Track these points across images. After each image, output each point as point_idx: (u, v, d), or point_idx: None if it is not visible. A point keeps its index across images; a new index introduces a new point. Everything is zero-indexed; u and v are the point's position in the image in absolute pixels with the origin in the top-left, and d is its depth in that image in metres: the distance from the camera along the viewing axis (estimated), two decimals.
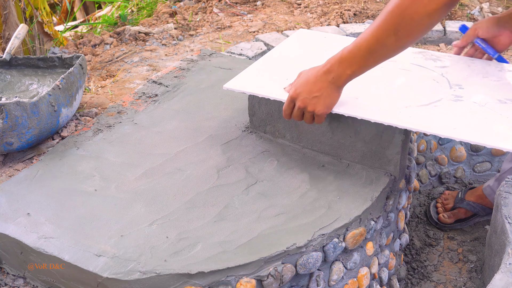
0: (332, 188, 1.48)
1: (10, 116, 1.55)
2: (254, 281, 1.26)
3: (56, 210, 1.41)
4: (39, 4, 2.91)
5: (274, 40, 2.62)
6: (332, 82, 1.37)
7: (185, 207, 1.42)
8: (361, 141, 1.54)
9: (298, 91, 1.41)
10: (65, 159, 1.62)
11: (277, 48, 1.82)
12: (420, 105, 1.47)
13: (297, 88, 1.42)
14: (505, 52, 2.68)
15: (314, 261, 1.32)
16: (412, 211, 2.07)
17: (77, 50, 2.63)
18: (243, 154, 1.62)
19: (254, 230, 1.34)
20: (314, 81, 1.39)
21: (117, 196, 1.46)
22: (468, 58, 1.72)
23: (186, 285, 1.23)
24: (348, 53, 1.33)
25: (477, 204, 1.95)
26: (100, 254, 1.27)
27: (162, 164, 1.58)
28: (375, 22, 1.28)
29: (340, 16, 2.97)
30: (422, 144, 2.08)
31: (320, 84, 1.38)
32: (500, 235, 1.47)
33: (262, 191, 1.48)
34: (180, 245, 1.29)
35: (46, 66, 1.94)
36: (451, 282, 1.82)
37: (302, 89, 1.41)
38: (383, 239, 1.60)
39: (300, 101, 1.41)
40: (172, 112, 1.84)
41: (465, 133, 1.35)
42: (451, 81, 1.59)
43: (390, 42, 1.27)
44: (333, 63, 1.35)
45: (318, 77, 1.38)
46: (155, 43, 2.66)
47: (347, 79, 1.36)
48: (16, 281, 1.39)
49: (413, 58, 1.72)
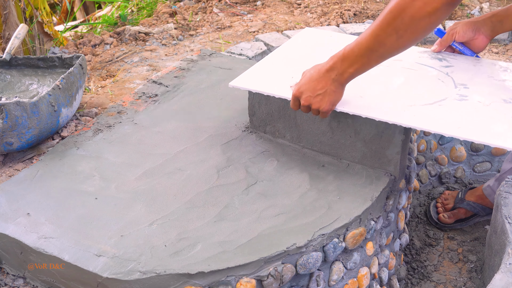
0: (332, 188, 1.48)
1: (10, 116, 1.55)
2: (254, 281, 1.26)
3: (56, 210, 1.41)
4: (39, 4, 2.91)
5: (274, 40, 2.62)
6: (335, 79, 1.37)
7: (185, 207, 1.42)
8: (361, 141, 1.54)
9: (301, 89, 1.41)
10: (65, 159, 1.62)
11: (283, 46, 1.83)
12: (424, 104, 1.47)
13: (300, 87, 1.42)
14: (505, 52, 2.68)
15: (314, 261, 1.32)
16: (412, 211, 2.07)
17: (77, 50, 2.63)
18: (243, 154, 1.62)
19: (254, 230, 1.34)
20: (318, 79, 1.39)
21: (117, 196, 1.46)
22: (473, 58, 1.72)
23: (186, 285, 1.23)
24: (350, 51, 1.33)
25: (477, 204, 1.95)
26: (100, 254, 1.27)
27: (162, 164, 1.58)
28: (376, 21, 1.28)
29: (340, 16, 2.97)
30: (422, 144, 2.08)
31: (324, 82, 1.38)
32: (500, 235, 1.47)
33: (262, 191, 1.48)
34: (180, 245, 1.29)
35: (46, 66, 1.94)
36: (451, 282, 1.82)
37: (305, 87, 1.41)
38: (383, 239, 1.60)
39: (304, 100, 1.42)
40: (172, 112, 1.84)
41: (469, 132, 1.36)
42: (456, 81, 1.59)
43: (390, 41, 1.27)
44: (336, 61, 1.35)
45: (321, 75, 1.38)
46: (155, 43, 2.66)
47: (350, 77, 1.36)
48: (16, 281, 1.39)
49: (418, 57, 1.72)
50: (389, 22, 1.25)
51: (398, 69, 1.66)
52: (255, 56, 2.43)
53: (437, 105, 1.47)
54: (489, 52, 2.68)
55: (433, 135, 2.11)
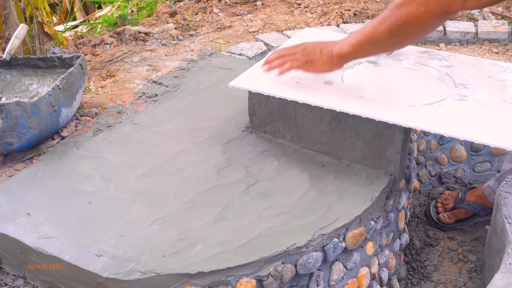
0: (332, 188, 1.48)
1: (10, 116, 1.55)
2: (254, 281, 1.26)
3: (56, 210, 1.41)
4: (39, 4, 2.91)
5: (274, 40, 2.62)
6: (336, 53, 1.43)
7: (185, 207, 1.42)
8: (361, 141, 1.54)
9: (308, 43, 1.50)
10: (65, 159, 1.62)
11: (283, 46, 1.82)
12: (424, 104, 1.47)
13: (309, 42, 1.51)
14: (505, 52, 2.68)
15: (314, 261, 1.32)
16: (412, 211, 2.07)
17: (77, 50, 2.63)
18: (243, 154, 1.62)
19: (254, 230, 1.34)
20: (324, 43, 1.48)
21: (117, 196, 1.46)
22: (474, 58, 1.72)
23: (186, 285, 1.23)
24: (351, 35, 1.42)
25: (477, 204, 1.95)
26: (100, 254, 1.27)
27: (162, 164, 1.58)
28: (378, 16, 1.34)
29: (340, 16, 2.97)
30: (422, 144, 2.08)
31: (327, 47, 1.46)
32: (500, 235, 1.47)
33: (262, 191, 1.48)
34: (180, 245, 1.29)
35: (46, 66, 1.94)
36: (451, 282, 1.82)
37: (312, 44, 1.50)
38: (383, 239, 1.60)
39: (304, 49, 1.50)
40: (172, 112, 1.84)
41: (469, 132, 1.36)
42: (456, 81, 1.59)
43: (383, 38, 1.33)
44: (341, 40, 1.45)
45: (327, 42, 1.48)
46: (155, 43, 2.67)
47: (346, 55, 1.42)
48: (16, 281, 1.39)
49: (418, 57, 1.72)
50: (385, 20, 1.31)
51: (398, 69, 1.66)
52: (255, 56, 2.43)
53: (437, 105, 1.47)
54: (489, 52, 2.68)
55: (433, 135, 2.11)
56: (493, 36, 2.78)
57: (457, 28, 2.80)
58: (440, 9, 1.23)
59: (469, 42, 2.79)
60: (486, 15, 3.04)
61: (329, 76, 1.61)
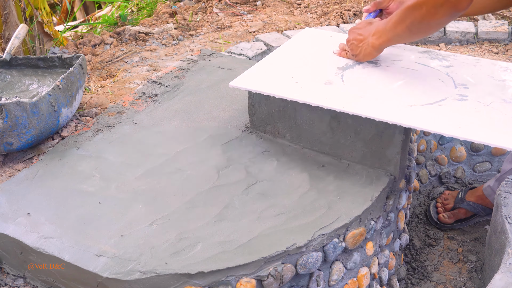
0: (332, 188, 1.48)
1: (10, 116, 1.55)
2: (254, 281, 1.26)
3: (56, 210, 1.41)
4: (39, 4, 2.91)
5: (274, 40, 2.62)
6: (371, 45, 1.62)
7: (185, 207, 1.42)
8: (361, 141, 1.54)
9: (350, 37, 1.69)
10: (65, 159, 1.62)
11: (283, 47, 1.83)
12: (424, 104, 1.47)
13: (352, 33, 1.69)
14: (505, 52, 2.68)
15: (314, 261, 1.32)
16: (412, 211, 2.07)
17: (77, 50, 2.63)
18: (243, 154, 1.62)
19: (254, 230, 1.34)
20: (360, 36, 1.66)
21: (117, 196, 1.46)
22: (473, 58, 1.72)
23: (186, 285, 1.23)
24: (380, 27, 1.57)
25: (477, 204, 1.95)
26: (100, 254, 1.27)
27: (162, 164, 1.58)
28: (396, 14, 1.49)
29: (340, 16, 2.97)
30: (422, 144, 2.08)
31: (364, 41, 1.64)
32: (500, 235, 1.47)
33: (262, 191, 1.48)
34: (180, 245, 1.29)
35: (46, 66, 1.94)
36: (451, 282, 1.82)
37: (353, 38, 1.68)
38: (383, 239, 1.60)
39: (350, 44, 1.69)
40: (172, 112, 1.84)
41: (469, 132, 1.36)
42: (456, 81, 1.59)
43: (405, 35, 1.51)
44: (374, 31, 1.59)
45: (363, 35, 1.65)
46: (155, 43, 2.66)
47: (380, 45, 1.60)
48: (16, 281, 1.39)
49: (418, 57, 1.72)
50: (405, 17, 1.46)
51: (398, 69, 1.66)
52: (255, 56, 2.43)
53: (437, 105, 1.47)
54: (489, 52, 2.68)
55: (433, 135, 2.11)
56: (493, 36, 2.78)
57: (457, 28, 2.80)
58: (448, 12, 1.38)
59: (469, 42, 2.79)
60: (486, 15, 3.04)
61: (329, 76, 1.61)
